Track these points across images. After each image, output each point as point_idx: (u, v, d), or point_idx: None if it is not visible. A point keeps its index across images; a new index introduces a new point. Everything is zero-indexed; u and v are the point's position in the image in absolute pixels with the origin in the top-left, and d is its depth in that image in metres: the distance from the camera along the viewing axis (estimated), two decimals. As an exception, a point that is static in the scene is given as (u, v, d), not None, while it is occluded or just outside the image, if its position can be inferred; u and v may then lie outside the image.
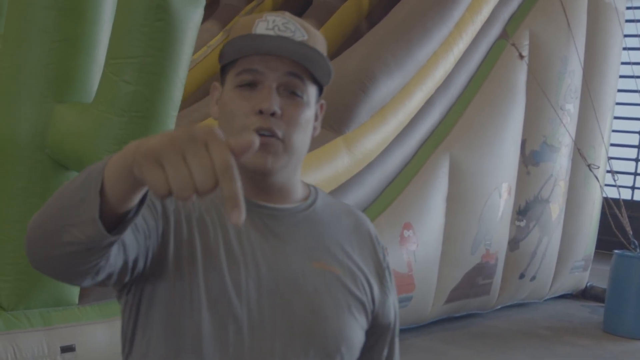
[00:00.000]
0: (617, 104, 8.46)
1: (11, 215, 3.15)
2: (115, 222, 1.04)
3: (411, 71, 5.43)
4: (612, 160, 7.76)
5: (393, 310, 1.43)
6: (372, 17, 6.72)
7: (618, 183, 7.33)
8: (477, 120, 6.00)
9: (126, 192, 0.98)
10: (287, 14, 1.30)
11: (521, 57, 6.39)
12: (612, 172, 7.32)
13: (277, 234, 1.32)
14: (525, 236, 6.74)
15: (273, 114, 1.25)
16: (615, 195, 7.43)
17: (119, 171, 0.96)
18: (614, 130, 8.73)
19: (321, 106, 1.38)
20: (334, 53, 6.19)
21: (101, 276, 1.15)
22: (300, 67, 1.27)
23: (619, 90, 8.43)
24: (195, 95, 6.04)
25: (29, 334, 3.21)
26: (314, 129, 1.36)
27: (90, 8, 3.11)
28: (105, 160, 1.01)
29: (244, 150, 0.89)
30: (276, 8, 7.07)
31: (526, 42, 6.49)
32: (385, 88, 5.25)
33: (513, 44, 6.34)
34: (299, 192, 1.38)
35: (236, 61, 1.29)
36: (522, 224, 6.68)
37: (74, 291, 3.39)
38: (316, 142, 4.80)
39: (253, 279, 1.27)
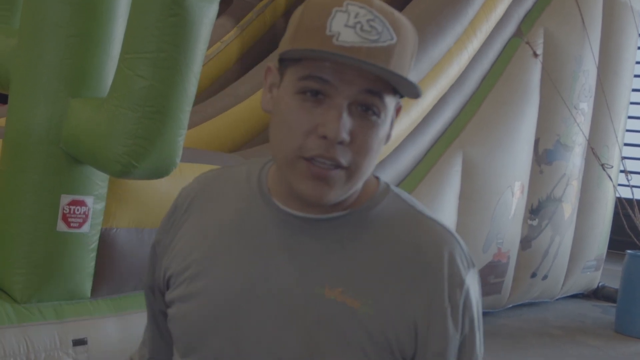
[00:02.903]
0: (632, 103, 8.42)
1: (25, 209, 3.17)
2: None
3: (425, 69, 5.41)
4: (626, 160, 7.72)
5: None
6: (386, 14, 6.71)
7: (632, 183, 7.30)
8: (490, 118, 5.98)
9: None
10: (374, 2, 1.05)
11: (535, 55, 6.36)
12: (626, 172, 7.29)
13: (293, 247, 1.13)
14: (538, 235, 6.72)
15: (341, 142, 1.04)
16: (629, 195, 7.39)
17: None
18: (628, 130, 8.68)
19: (398, 110, 1.14)
20: (348, 50, 6.17)
21: None
22: (381, 82, 1.05)
23: (634, 90, 8.38)
24: (209, 91, 6.04)
25: (42, 327, 3.22)
26: (388, 137, 1.13)
27: (105, 3, 3.12)
28: None
29: None
30: (290, 4, 7.05)
31: (541, 40, 6.46)
32: (398, 85, 5.23)
33: (527, 42, 6.31)
34: (352, 196, 1.14)
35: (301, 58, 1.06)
36: (535, 222, 6.66)
37: (87, 285, 3.41)
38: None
39: (222, 310, 1.14)
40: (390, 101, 1.08)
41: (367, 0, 1.05)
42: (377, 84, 1.04)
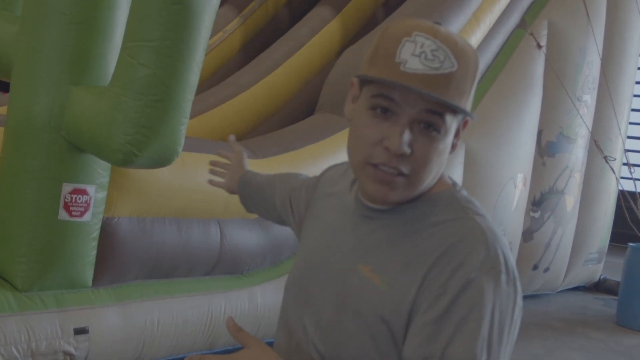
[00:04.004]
0: (635, 96, 8.39)
1: (26, 197, 3.16)
2: None
3: (428, 60, 5.38)
4: (629, 153, 7.69)
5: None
6: (389, 5, 6.68)
7: (634, 176, 7.28)
8: (493, 110, 5.96)
9: None
10: (440, 33, 1.22)
11: (539, 46, 6.33)
12: (629, 165, 7.27)
13: (356, 229, 1.36)
14: (540, 227, 6.71)
15: (402, 154, 1.23)
16: (631, 188, 7.38)
17: None
18: (631, 123, 8.66)
19: (465, 123, 1.32)
20: (351, 40, 6.16)
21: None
22: (440, 104, 1.22)
23: (637, 82, 8.35)
24: (211, 80, 6.03)
25: (43, 316, 3.22)
26: (453, 146, 1.32)
27: (108, -10, 3.11)
28: None
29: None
30: (293, -5, 7.01)
31: (544, 31, 6.44)
32: (401, 76, 5.21)
33: (531, 34, 6.29)
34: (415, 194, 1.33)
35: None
36: (537, 215, 6.65)
37: (88, 274, 3.40)
38: (331, 130, 4.79)
39: (305, 266, 1.46)
40: (451, 118, 1.24)
41: (434, 30, 1.22)
42: (436, 106, 1.21)
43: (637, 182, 7.35)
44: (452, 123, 1.25)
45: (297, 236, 1.70)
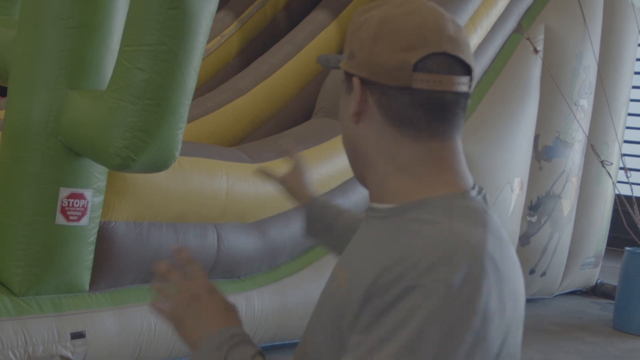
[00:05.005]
0: (632, 100, 8.40)
1: (23, 201, 3.16)
2: None
3: (425, 64, 5.39)
4: (626, 157, 7.70)
5: None
6: (387, 9, 6.70)
7: (631, 180, 7.29)
8: (490, 114, 5.97)
9: None
10: (356, 13, 1.23)
11: (536, 51, 6.35)
12: (625, 169, 7.28)
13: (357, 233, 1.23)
14: (537, 232, 6.72)
15: None
16: (628, 193, 7.39)
17: None
18: (627, 127, 8.67)
19: (361, 87, 1.16)
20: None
21: None
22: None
23: (634, 87, 8.37)
24: (209, 85, 6.03)
25: (40, 320, 3.22)
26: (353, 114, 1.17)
27: (106, -5, 3.11)
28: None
29: None
30: (291, -2, 7.02)
31: (541, 36, 6.45)
32: (398, 80, 5.22)
33: (528, 38, 6.30)
34: (393, 193, 1.16)
35: None
36: (534, 219, 6.65)
37: (85, 278, 3.40)
38: (329, 134, 4.79)
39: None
40: (352, 79, 1.17)
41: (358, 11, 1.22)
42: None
43: (633, 186, 7.36)
44: (354, 83, 1.16)
45: None
